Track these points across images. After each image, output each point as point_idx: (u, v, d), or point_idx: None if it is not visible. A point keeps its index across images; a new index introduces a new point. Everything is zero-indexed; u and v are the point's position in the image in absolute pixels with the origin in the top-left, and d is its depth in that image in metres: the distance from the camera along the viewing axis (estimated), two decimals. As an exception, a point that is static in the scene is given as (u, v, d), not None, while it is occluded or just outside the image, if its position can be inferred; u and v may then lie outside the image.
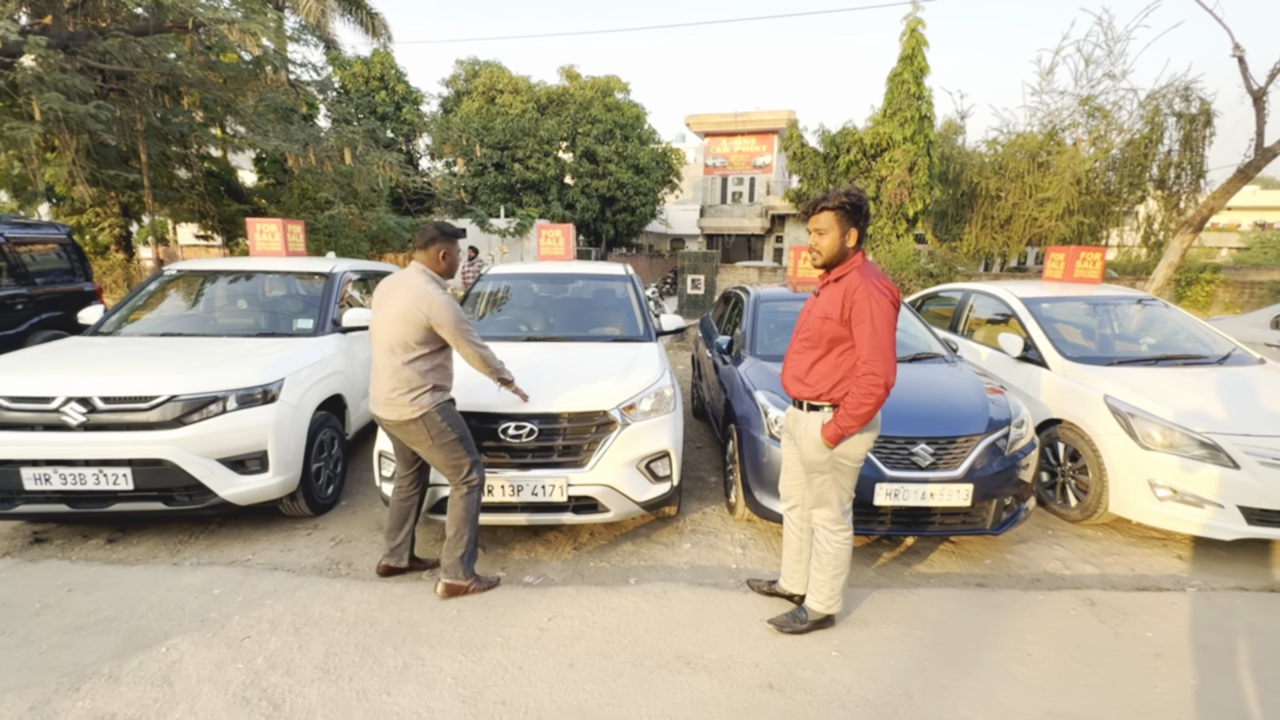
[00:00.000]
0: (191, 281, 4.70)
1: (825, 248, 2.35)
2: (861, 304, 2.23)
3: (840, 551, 2.52)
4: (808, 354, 2.47)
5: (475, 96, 20.09)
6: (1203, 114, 11.69)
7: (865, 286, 2.24)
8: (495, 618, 2.63)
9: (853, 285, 2.28)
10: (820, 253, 2.37)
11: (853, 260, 2.36)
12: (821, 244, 2.35)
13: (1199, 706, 2.17)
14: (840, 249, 2.34)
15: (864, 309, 2.22)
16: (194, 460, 3.16)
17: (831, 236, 2.33)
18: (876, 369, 2.22)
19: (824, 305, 2.38)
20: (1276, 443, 3.25)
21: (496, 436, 3.15)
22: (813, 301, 2.52)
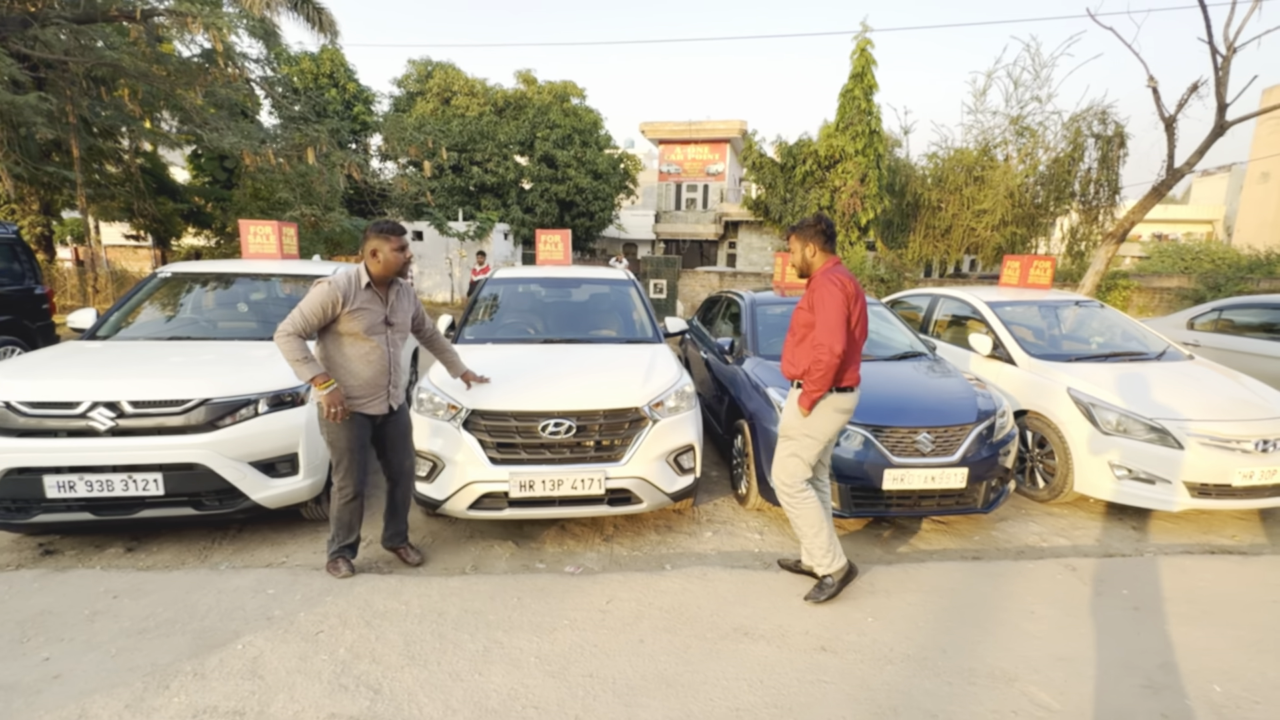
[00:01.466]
0: (187, 285, 4.58)
1: (795, 262, 2.98)
2: (819, 294, 2.78)
3: (807, 512, 2.90)
4: (793, 341, 2.99)
5: (430, 98, 19.77)
6: (1117, 136, 12.93)
7: (823, 281, 2.79)
8: (555, 603, 2.78)
9: (816, 284, 2.84)
10: (795, 266, 2.99)
11: (822, 267, 2.89)
12: (794, 259, 2.98)
13: (1176, 647, 2.57)
14: (804, 260, 2.93)
15: (820, 297, 2.77)
16: (227, 464, 3.15)
17: (796, 253, 2.95)
18: (824, 340, 2.72)
19: (802, 305, 2.94)
20: (1213, 426, 3.79)
21: (536, 434, 3.28)
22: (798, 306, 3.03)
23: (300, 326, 2.72)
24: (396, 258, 2.93)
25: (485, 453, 3.28)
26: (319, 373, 2.73)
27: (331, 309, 2.77)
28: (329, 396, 2.73)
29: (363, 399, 2.88)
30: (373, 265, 2.91)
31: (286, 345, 2.69)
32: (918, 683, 2.29)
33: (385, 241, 2.89)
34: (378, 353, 2.89)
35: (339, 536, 2.98)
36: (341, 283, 2.82)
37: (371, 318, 2.87)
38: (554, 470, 3.27)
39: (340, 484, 2.92)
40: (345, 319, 2.81)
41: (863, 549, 3.59)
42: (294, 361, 2.69)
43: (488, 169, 18.40)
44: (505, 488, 3.23)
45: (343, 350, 2.83)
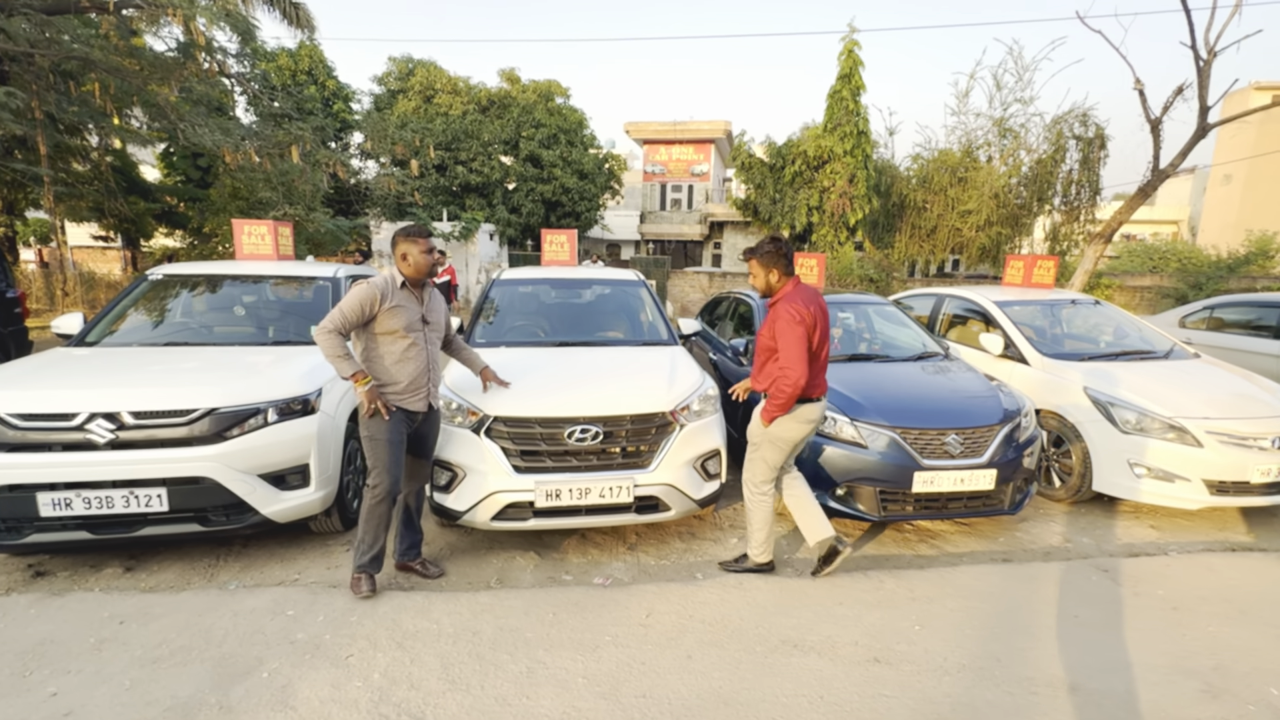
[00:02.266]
0: (179, 287, 4.36)
1: (758, 285, 3.10)
2: (781, 325, 2.91)
3: (765, 509, 3.13)
4: (762, 359, 3.13)
5: (412, 96, 19.41)
6: (1098, 138, 13.20)
7: (784, 314, 2.91)
8: (593, 618, 2.67)
9: (777, 313, 2.97)
10: (757, 288, 3.12)
11: (783, 290, 3.03)
12: (755, 282, 3.11)
13: (1223, 648, 2.55)
14: (766, 283, 3.06)
15: (782, 330, 2.90)
16: (236, 477, 2.98)
17: (759, 277, 3.07)
18: (789, 373, 2.85)
19: (766, 325, 3.05)
20: (1230, 424, 3.82)
21: (562, 441, 3.17)
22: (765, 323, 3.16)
23: (340, 324, 2.69)
24: (425, 259, 2.88)
25: (509, 461, 3.16)
26: (358, 369, 2.72)
27: (371, 306, 2.74)
28: (368, 393, 2.71)
29: (405, 395, 2.84)
30: (404, 268, 2.88)
31: (327, 342, 2.67)
32: (979, 694, 2.23)
33: (413, 244, 2.84)
34: (416, 349, 2.86)
35: (365, 546, 2.83)
36: (380, 283, 2.81)
37: (409, 316, 2.84)
38: (581, 478, 3.15)
39: (374, 481, 2.79)
40: (384, 317, 2.78)
41: (890, 552, 3.54)
42: (334, 358, 2.69)
43: (472, 168, 18.11)
44: (530, 497, 3.11)
45: (383, 348, 2.81)
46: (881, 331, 5.02)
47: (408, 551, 3.17)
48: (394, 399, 2.83)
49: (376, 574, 2.89)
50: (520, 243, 20.30)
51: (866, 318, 5.16)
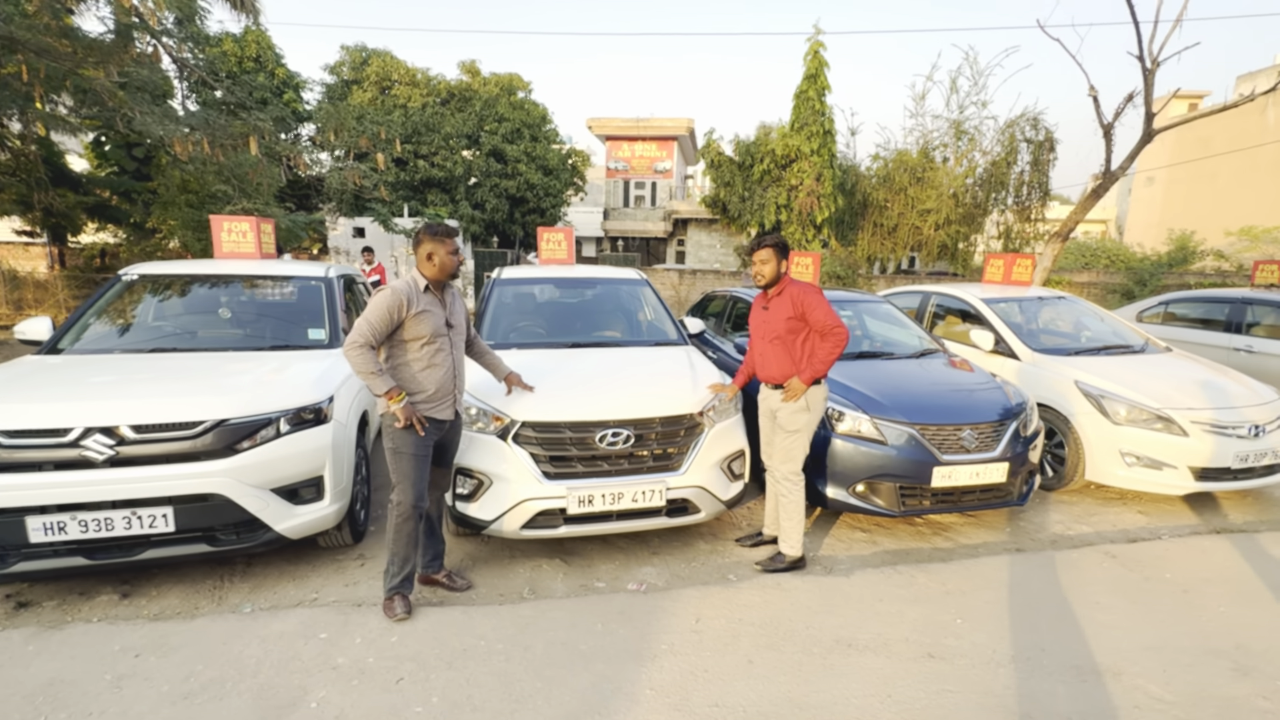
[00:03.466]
0: (157, 289, 4.05)
1: (767, 273, 3.18)
2: (809, 299, 3.11)
3: (801, 500, 3.23)
4: (783, 347, 3.20)
5: (367, 86, 18.68)
6: (1047, 140, 13.87)
7: (805, 289, 3.15)
8: (642, 626, 2.62)
9: (796, 292, 3.15)
10: (764, 276, 3.20)
11: (785, 279, 3.22)
12: (765, 270, 3.19)
13: (1240, 627, 2.71)
14: (776, 273, 3.18)
15: (812, 301, 3.10)
16: (248, 492, 2.79)
17: (771, 265, 3.17)
18: (840, 327, 3.07)
19: (782, 311, 3.16)
20: (1212, 414, 4.06)
21: (593, 445, 3.09)
22: (763, 314, 3.29)
23: (369, 336, 2.54)
24: (451, 260, 2.75)
25: (538, 467, 3.06)
26: (391, 386, 2.57)
27: (397, 313, 2.60)
28: (404, 410, 2.57)
29: (434, 404, 2.71)
30: (428, 268, 2.72)
31: (359, 358, 2.52)
32: (1036, 684, 2.29)
33: (440, 244, 2.71)
34: (442, 355, 2.74)
35: (396, 567, 2.69)
36: (403, 288, 2.65)
37: (435, 320, 2.70)
38: (613, 483, 3.09)
39: (399, 497, 2.66)
40: (410, 324, 2.63)
41: (909, 546, 3.62)
42: (367, 375, 2.54)
43: (434, 163, 17.59)
44: (562, 504, 3.03)
45: (409, 355, 2.67)
46: (881, 329, 5.13)
47: (431, 563, 3.03)
48: (422, 408, 2.70)
49: (410, 594, 2.76)
50: (485, 239, 19.87)
51: (864, 316, 5.25)
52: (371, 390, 2.61)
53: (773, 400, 3.26)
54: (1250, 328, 6.48)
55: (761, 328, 3.29)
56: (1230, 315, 6.69)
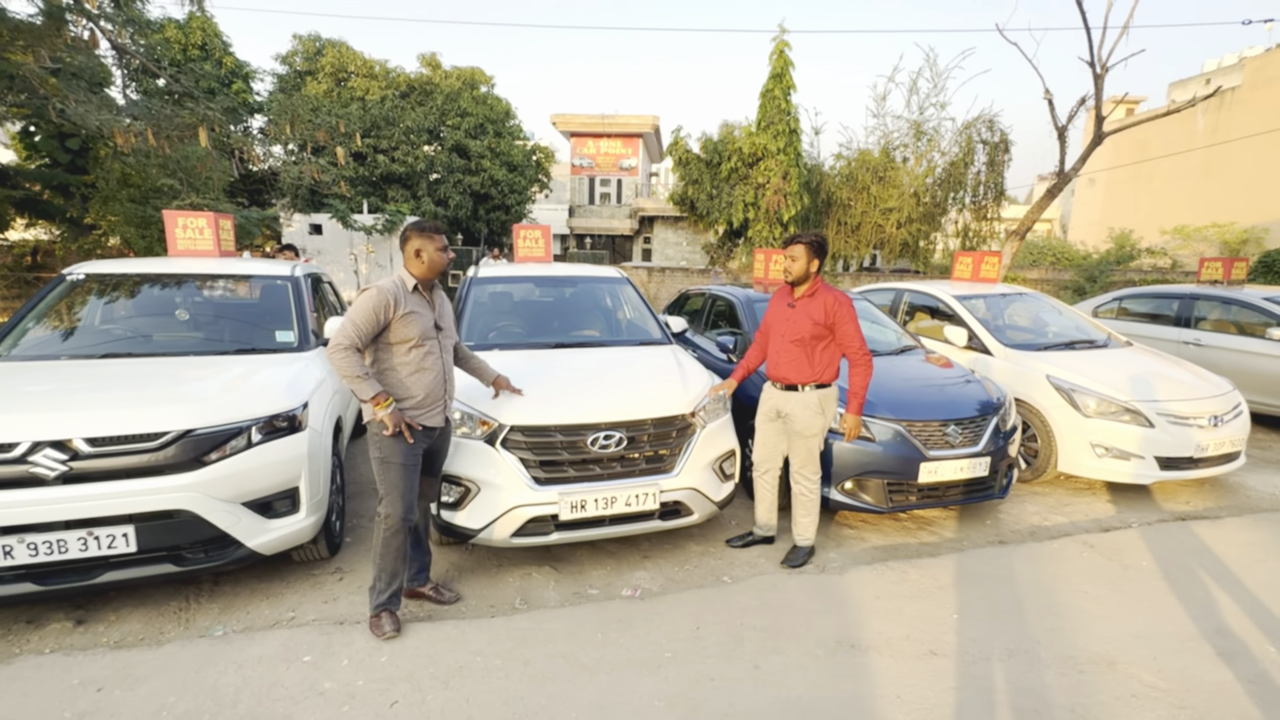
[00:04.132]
0: (105, 289, 3.77)
1: (796, 270, 3.12)
2: (844, 313, 3.08)
3: (819, 495, 3.30)
4: (803, 350, 3.16)
5: (322, 78, 17.98)
6: (1002, 142, 14.34)
7: (839, 301, 3.09)
8: (643, 635, 2.55)
9: (830, 300, 3.09)
10: (792, 272, 3.14)
11: (816, 280, 3.16)
12: (794, 267, 3.12)
13: (1218, 611, 2.81)
14: (806, 271, 3.11)
15: (845, 316, 3.09)
16: (218, 507, 2.61)
17: (801, 262, 3.10)
18: (868, 355, 3.13)
19: (809, 315, 3.11)
20: (1176, 405, 4.23)
21: (585, 449, 3.01)
22: (788, 311, 3.21)
23: (354, 338, 2.40)
24: (441, 258, 2.62)
25: (528, 473, 2.96)
26: (379, 391, 2.42)
27: (384, 314, 2.46)
28: (392, 416, 2.44)
29: (423, 410, 2.58)
30: (415, 267, 2.59)
31: (343, 361, 2.37)
32: (1036, 677, 2.32)
33: (430, 241, 2.58)
34: (432, 358, 2.61)
35: (384, 582, 2.55)
36: (390, 287, 2.52)
37: (423, 322, 2.57)
38: (606, 487, 3.01)
39: (387, 509, 2.52)
40: (397, 325, 2.50)
41: (897, 541, 3.65)
42: (352, 378, 2.39)
43: (394, 158, 17.06)
44: (554, 510, 2.94)
45: (397, 359, 2.54)
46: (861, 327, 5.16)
47: (417, 576, 2.90)
48: (410, 415, 2.57)
49: (398, 610, 2.62)
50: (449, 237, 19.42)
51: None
52: (357, 396, 2.46)
53: (783, 401, 3.23)
54: (1198, 322, 6.80)
55: (783, 325, 3.22)
56: (1180, 310, 7.01)
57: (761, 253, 5.81)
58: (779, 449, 3.36)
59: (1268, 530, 3.78)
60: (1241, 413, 4.43)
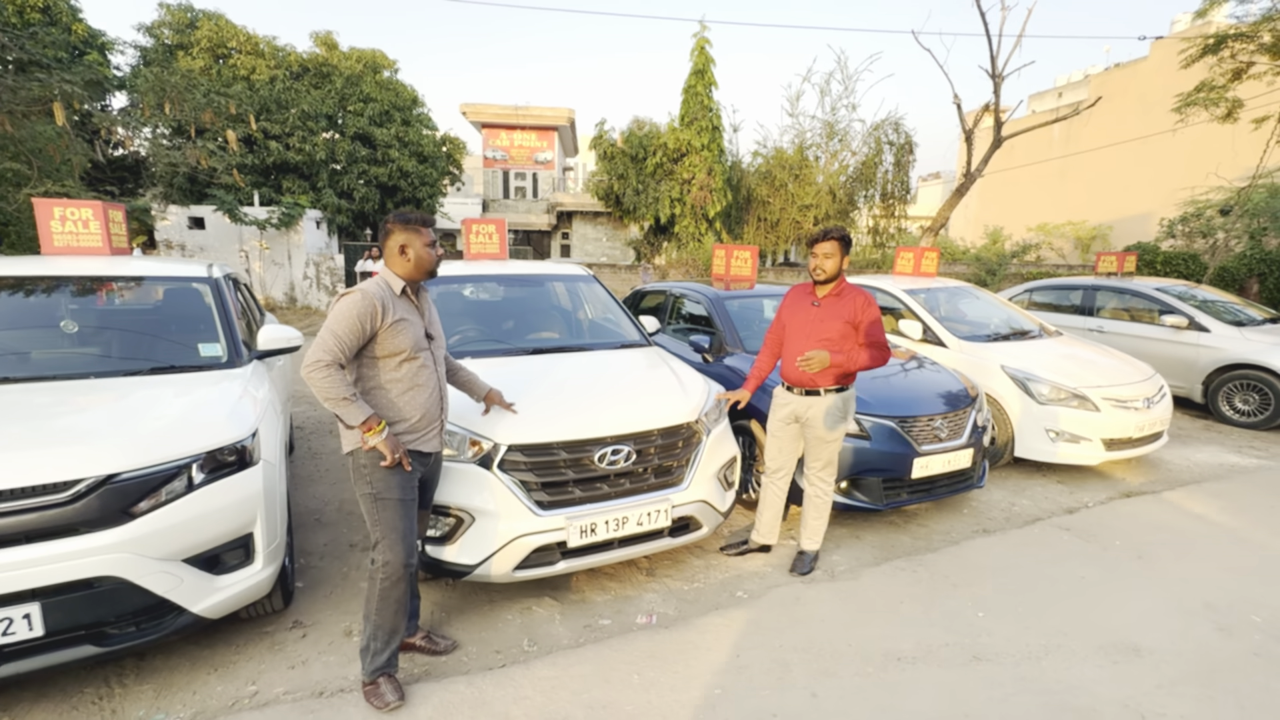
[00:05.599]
0: (-41, 296, 2.99)
1: (830, 268, 2.97)
2: (873, 311, 3.00)
3: (832, 499, 3.24)
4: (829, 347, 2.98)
5: (197, 53, 15.97)
6: (907, 144, 15.26)
7: (868, 298, 3.00)
8: (681, 669, 2.32)
9: (858, 299, 3.00)
10: (825, 270, 2.99)
11: (842, 278, 3.05)
12: (827, 265, 2.97)
13: (1199, 584, 2.99)
14: (838, 268, 3.00)
15: (874, 314, 3.00)
16: (153, 569, 2.10)
17: (835, 259, 2.97)
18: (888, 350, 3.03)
19: (839, 314, 3.00)
20: (1115, 390, 4.54)
21: (592, 466, 2.72)
22: (813, 311, 3.08)
23: (336, 352, 2.00)
24: (429, 255, 2.25)
25: (530, 497, 2.64)
26: (369, 415, 2.03)
27: (370, 323, 2.06)
28: (388, 443, 2.06)
29: (418, 434, 2.22)
30: (400, 265, 2.20)
31: (325, 381, 1.97)
32: (1079, 672, 2.32)
33: (417, 235, 2.20)
34: (426, 373, 2.23)
35: (380, 642, 2.15)
36: (375, 291, 2.11)
37: (414, 331, 2.20)
38: (616, 506, 2.75)
39: (385, 556, 2.12)
40: (386, 336, 2.11)
41: (891, 538, 3.64)
42: (337, 401, 1.99)
43: (289, 145, 15.49)
44: (561, 536, 2.63)
45: (387, 376, 2.15)
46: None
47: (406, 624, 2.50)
48: (404, 440, 2.19)
49: (397, 673, 2.22)
50: (355, 232, 17.96)
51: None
52: (344, 422, 2.05)
53: (803, 406, 3.07)
54: (1099, 311, 7.47)
55: (808, 326, 3.05)
56: (1083, 301, 7.67)
57: (722, 248, 5.70)
58: (794, 453, 3.23)
59: (1202, 502, 4.14)
60: (1166, 395, 4.85)
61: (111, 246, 3.62)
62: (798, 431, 3.17)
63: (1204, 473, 4.79)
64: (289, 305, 15.42)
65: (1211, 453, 5.28)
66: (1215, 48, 9.24)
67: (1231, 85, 9.24)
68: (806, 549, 3.25)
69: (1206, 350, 6.34)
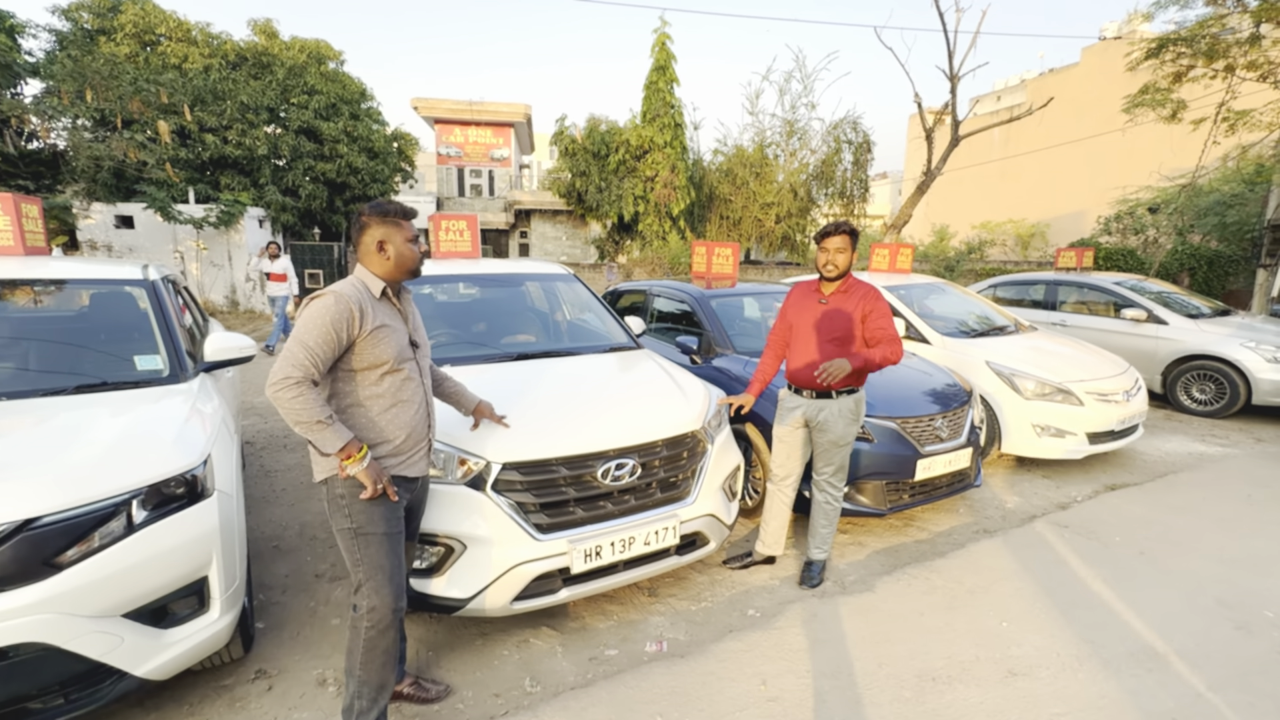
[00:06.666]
0: None
1: (842, 263, 2.86)
2: (882, 305, 2.88)
3: (841, 506, 3.11)
4: (839, 350, 2.86)
5: (122, 39, 14.78)
6: (865, 142, 15.48)
7: (876, 293, 2.88)
8: (707, 705, 2.11)
9: (869, 294, 2.88)
10: (837, 266, 2.86)
11: (850, 274, 2.94)
12: (839, 260, 2.85)
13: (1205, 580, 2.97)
14: (850, 263, 2.89)
15: (884, 309, 2.87)
16: (86, 629, 1.76)
17: (847, 254, 2.86)
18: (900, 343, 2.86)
19: (849, 311, 2.86)
20: (1097, 384, 4.58)
21: (595, 482, 2.49)
22: (820, 309, 2.93)
23: (308, 367, 1.71)
24: (411, 251, 1.96)
25: (528, 520, 2.38)
26: (349, 440, 1.75)
27: (346, 330, 1.78)
28: (369, 471, 1.78)
29: (403, 456, 1.94)
30: (378, 264, 1.91)
31: (295, 401, 1.67)
32: (1117, 683, 2.23)
33: (397, 229, 1.92)
34: (411, 386, 1.95)
35: (366, 701, 1.86)
36: (350, 293, 1.81)
37: (397, 339, 1.91)
38: (621, 525, 2.52)
39: (372, 602, 1.84)
40: (365, 345, 1.82)
41: (893, 542, 3.53)
42: (310, 425, 1.70)
43: (227, 138, 14.51)
44: (564, 562, 2.39)
45: (366, 392, 1.86)
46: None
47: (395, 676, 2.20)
48: (388, 464, 1.90)
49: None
50: (301, 231, 17.04)
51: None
52: (319, 448, 1.75)
53: (814, 410, 2.92)
54: (1061, 305, 7.65)
55: (816, 324, 2.92)
56: (1045, 295, 7.85)
57: (702, 245, 5.52)
58: (802, 459, 3.07)
59: (1183, 493, 4.19)
60: (1141, 387, 4.93)
61: (25, 245, 3.15)
62: (806, 436, 3.00)
63: (1177, 463, 4.89)
64: (230, 309, 14.48)
65: (1179, 442, 5.42)
66: (1157, 52, 9.63)
67: (1175, 87, 9.66)
68: (815, 559, 3.10)
69: (1165, 342, 6.54)
